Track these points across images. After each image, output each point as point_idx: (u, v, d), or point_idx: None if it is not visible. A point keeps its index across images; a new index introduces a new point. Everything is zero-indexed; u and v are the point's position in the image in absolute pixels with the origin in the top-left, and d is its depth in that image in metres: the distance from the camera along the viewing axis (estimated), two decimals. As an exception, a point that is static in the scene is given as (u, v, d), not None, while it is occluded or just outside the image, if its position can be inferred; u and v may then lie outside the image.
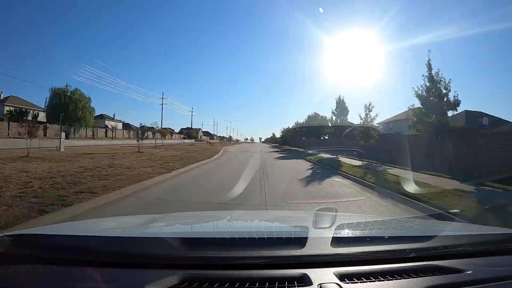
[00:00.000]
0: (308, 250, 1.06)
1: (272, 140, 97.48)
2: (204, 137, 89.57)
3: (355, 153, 18.24)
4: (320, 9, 59.22)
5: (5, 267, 0.94)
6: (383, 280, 0.97)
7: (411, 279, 0.98)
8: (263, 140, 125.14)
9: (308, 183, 8.81)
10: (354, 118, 22.53)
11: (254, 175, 9.78)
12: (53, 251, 1.04)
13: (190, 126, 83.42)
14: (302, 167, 14.30)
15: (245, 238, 1.14)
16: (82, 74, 52.30)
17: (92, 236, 1.25)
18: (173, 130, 77.99)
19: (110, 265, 0.98)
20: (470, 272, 1.03)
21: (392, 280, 0.97)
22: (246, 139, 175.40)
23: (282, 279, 0.94)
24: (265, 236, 1.15)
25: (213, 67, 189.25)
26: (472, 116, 27.50)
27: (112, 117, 65.25)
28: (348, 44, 67.83)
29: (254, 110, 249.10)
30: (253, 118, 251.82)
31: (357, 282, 0.96)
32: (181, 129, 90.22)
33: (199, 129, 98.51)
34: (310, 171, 12.62)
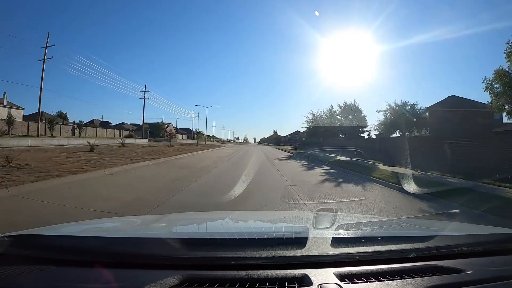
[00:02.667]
0: (308, 250, 1.06)
1: (274, 140, 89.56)
2: (178, 135, 63.59)
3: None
4: (316, 13, 59.84)
5: (5, 268, 0.94)
6: (383, 280, 0.97)
7: (411, 279, 0.98)
8: (258, 140, 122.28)
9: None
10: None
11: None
12: (52, 251, 1.04)
13: (163, 121, 63.49)
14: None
15: (245, 238, 1.14)
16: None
17: (92, 236, 1.25)
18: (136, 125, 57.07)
19: (110, 265, 0.97)
20: (470, 272, 1.03)
21: (392, 280, 0.97)
22: (237, 138, 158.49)
23: (282, 279, 0.94)
24: (265, 237, 1.15)
25: (207, 67, 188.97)
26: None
27: (1, 99, 36.68)
28: (343, 44, 68.32)
29: (250, 111, 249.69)
30: (249, 119, 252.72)
31: (357, 282, 0.96)
32: (144, 123, 56.22)
33: (169, 123, 73.56)
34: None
